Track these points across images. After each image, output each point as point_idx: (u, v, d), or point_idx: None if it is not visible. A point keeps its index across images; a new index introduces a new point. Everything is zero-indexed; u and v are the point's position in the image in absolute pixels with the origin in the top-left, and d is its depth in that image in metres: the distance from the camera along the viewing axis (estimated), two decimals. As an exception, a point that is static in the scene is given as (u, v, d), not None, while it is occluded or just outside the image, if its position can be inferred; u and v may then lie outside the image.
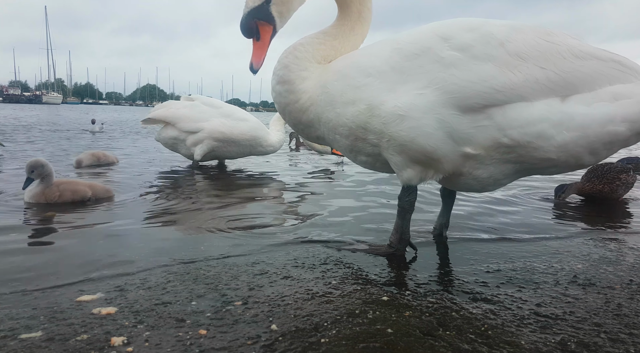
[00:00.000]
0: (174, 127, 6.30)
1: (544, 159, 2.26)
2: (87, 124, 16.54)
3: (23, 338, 1.66)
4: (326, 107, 2.50)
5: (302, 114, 2.61)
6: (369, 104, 2.36)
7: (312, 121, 2.61)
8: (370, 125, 2.38)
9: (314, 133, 2.71)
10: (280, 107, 2.67)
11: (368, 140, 2.46)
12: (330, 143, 2.71)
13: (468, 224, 3.63)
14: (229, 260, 2.58)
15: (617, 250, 3.04)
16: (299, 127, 2.71)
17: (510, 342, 1.73)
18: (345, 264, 2.58)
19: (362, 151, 2.56)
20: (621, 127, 2.18)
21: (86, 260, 2.54)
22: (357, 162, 2.73)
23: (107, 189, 4.33)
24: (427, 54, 2.28)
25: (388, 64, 2.35)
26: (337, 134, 2.53)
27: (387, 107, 2.31)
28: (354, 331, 1.77)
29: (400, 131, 2.29)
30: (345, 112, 2.43)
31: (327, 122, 2.53)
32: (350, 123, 2.43)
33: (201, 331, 1.74)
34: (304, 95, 2.56)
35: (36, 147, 8.83)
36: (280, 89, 2.60)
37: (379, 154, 2.51)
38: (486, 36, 2.22)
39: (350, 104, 2.41)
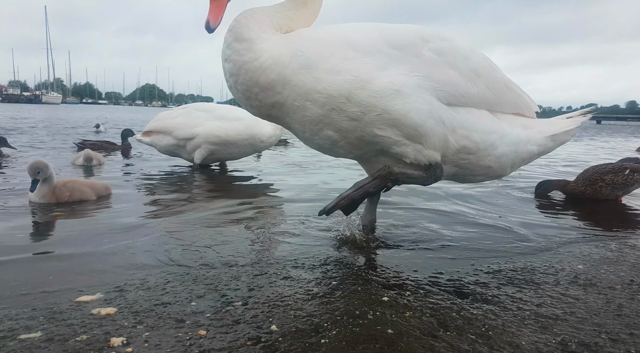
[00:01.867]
0: (170, 136, 6.35)
1: (485, 166, 2.70)
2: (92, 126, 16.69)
3: (22, 338, 1.65)
4: (300, 70, 2.38)
5: (260, 74, 2.41)
6: (356, 76, 2.35)
7: (272, 83, 2.42)
8: (356, 96, 2.35)
9: (271, 98, 2.47)
10: (234, 67, 2.46)
11: (348, 113, 2.39)
12: (289, 112, 2.51)
13: (467, 224, 3.62)
14: (228, 260, 2.58)
15: (617, 250, 3.03)
16: (253, 90, 2.47)
17: (510, 342, 1.72)
18: (345, 264, 2.57)
19: (333, 124, 2.46)
20: (535, 148, 2.87)
21: (86, 260, 2.53)
22: (316, 139, 2.58)
23: (106, 187, 4.37)
24: (410, 48, 2.48)
25: (375, 47, 2.43)
26: (309, 100, 2.40)
27: (380, 83, 2.36)
28: (354, 332, 1.76)
29: (395, 105, 2.36)
30: (327, 78, 2.36)
31: (298, 85, 2.39)
32: (332, 90, 2.36)
33: (201, 332, 1.73)
34: (264, 54, 2.41)
35: (46, 147, 8.82)
36: (238, 47, 2.44)
37: (352, 131, 2.46)
38: (454, 48, 2.58)
39: (335, 72, 2.36)
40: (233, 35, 2.48)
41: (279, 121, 2.65)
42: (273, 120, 2.66)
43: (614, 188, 4.71)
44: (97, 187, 4.25)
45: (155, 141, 6.50)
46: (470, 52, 2.67)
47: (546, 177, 5.74)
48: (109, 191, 4.36)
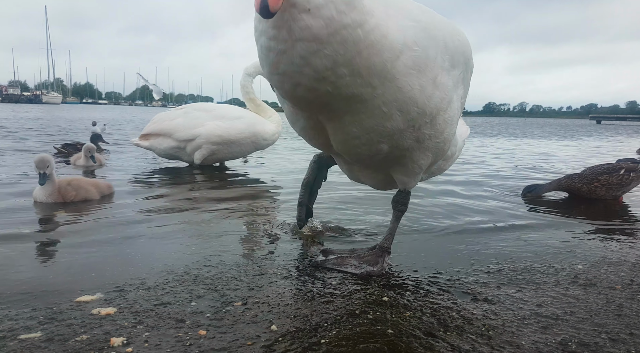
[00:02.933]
0: (170, 138, 6.29)
1: (442, 170, 2.78)
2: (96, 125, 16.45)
3: (22, 338, 1.65)
4: (411, 71, 1.79)
5: (363, 49, 1.64)
6: (446, 94, 1.99)
7: (372, 68, 1.69)
8: (438, 118, 2.03)
9: (354, 88, 1.73)
10: (325, 27, 1.56)
11: (419, 133, 2.03)
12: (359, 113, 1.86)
13: (466, 224, 3.62)
14: (228, 260, 2.58)
15: (617, 250, 3.03)
16: (338, 71, 1.65)
17: (511, 342, 1.72)
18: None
19: (397, 141, 2.01)
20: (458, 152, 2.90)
21: (86, 260, 2.53)
22: (361, 149, 2.05)
23: (109, 186, 4.39)
24: (467, 63, 2.21)
25: (455, 57, 2.05)
26: (402, 110, 1.86)
27: (453, 108, 2.12)
28: (354, 331, 1.76)
29: (451, 135, 2.22)
30: (428, 91, 1.89)
31: (402, 88, 1.80)
32: (428, 107, 1.91)
33: (201, 332, 1.73)
34: (371, 21, 1.64)
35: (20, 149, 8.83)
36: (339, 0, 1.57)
37: (404, 149, 2.09)
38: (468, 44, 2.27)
39: (436, 85, 1.91)
40: None
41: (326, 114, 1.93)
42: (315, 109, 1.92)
43: (609, 189, 4.71)
44: (101, 186, 4.26)
45: (154, 144, 6.40)
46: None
47: (542, 176, 5.74)
48: (111, 190, 4.38)
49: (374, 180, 2.59)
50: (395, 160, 2.21)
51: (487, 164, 8.29)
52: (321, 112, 1.92)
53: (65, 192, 3.97)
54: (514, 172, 7.25)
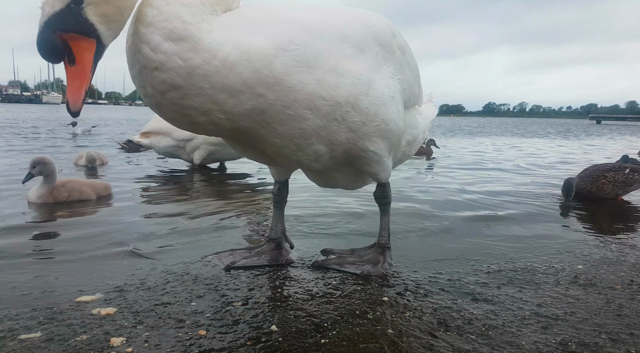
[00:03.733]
0: (169, 137, 6.32)
1: (408, 155, 2.78)
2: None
3: (22, 338, 1.65)
4: (297, 69, 1.82)
5: (227, 73, 1.73)
6: (359, 79, 2.00)
7: (249, 83, 1.76)
8: (360, 103, 2.02)
9: (247, 104, 1.80)
10: (179, 76, 1.70)
11: (349, 123, 2.02)
12: (272, 123, 1.90)
13: (466, 225, 3.62)
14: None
15: (617, 250, 3.03)
16: (218, 99, 1.76)
17: (511, 342, 1.72)
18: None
19: (328, 138, 2.02)
20: (427, 134, 3.09)
21: (86, 260, 2.53)
22: (298, 155, 2.07)
23: (106, 186, 4.37)
24: (388, 44, 2.22)
25: (365, 41, 2.08)
26: (310, 108, 1.88)
27: (380, 87, 2.11)
28: (354, 331, 1.76)
29: (392, 113, 2.18)
30: (332, 81, 1.91)
31: (295, 88, 1.83)
32: (339, 97, 1.93)
33: (201, 332, 1.73)
34: (223, 49, 1.72)
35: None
36: (176, 49, 1.67)
37: (343, 144, 2.08)
38: (407, 45, 2.43)
39: (339, 74, 1.93)
40: (161, 33, 1.68)
41: (242, 134, 1.98)
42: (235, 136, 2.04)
43: (614, 186, 4.72)
44: (97, 186, 4.26)
45: (154, 142, 6.45)
46: (410, 47, 2.51)
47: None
48: (108, 191, 4.37)
49: (342, 181, 2.57)
50: (348, 156, 2.19)
51: (487, 163, 8.30)
52: (238, 135, 2.01)
53: (58, 193, 3.97)
54: (513, 170, 7.25)
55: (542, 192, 5.31)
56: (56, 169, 4.05)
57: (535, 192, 5.30)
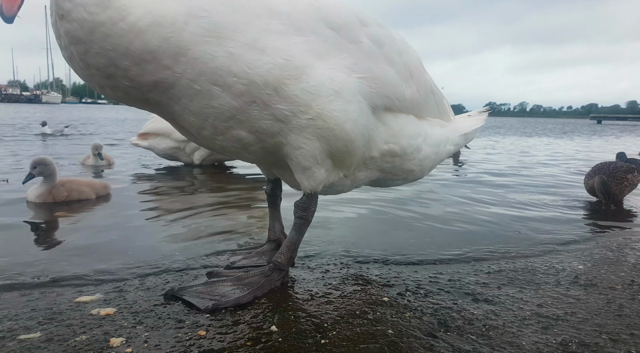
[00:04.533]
0: (169, 138, 6.26)
1: (407, 169, 2.35)
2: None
3: (22, 338, 1.64)
4: (205, 38, 1.66)
5: (133, 39, 1.62)
6: (288, 60, 1.76)
7: (155, 52, 1.64)
8: (286, 88, 1.76)
9: (152, 75, 1.68)
10: (82, 30, 1.61)
11: (273, 109, 1.78)
12: (181, 98, 1.76)
13: (466, 224, 3.62)
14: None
15: (618, 250, 3.03)
16: (120, 64, 1.65)
17: (511, 342, 1.72)
18: (345, 265, 2.57)
19: (249, 123, 1.81)
20: (452, 147, 2.64)
21: (85, 261, 2.52)
22: (220, 140, 1.90)
23: (105, 186, 4.38)
24: (347, 30, 1.96)
25: (306, 21, 1.85)
26: (218, 84, 1.70)
27: (318, 75, 1.82)
28: (354, 332, 1.76)
29: (333, 110, 1.84)
30: (247, 56, 1.70)
31: (201, 59, 1.67)
32: (255, 75, 1.71)
33: (200, 332, 1.73)
34: (136, 11, 1.62)
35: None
36: (85, 0, 1.60)
37: (273, 134, 1.85)
38: (392, 38, 2.16)
39: (258, 50, 1.71)
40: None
41: (160, 110, 1.88)
42: (150, 108, 1.89)
43: (631, 188, 4.67)
44: (96, 186, 4.27)
45: (153, 144, 6.37)
46: (403, 43, 2.25)
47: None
48: (107, 190, 4.39)
49: (286, 177, 2.30)
50: (278, 151, 1.95)
51: (490, 161, 8.29)
52: (151, 107, 1.87)
53: (57, 192, 3.97)
54: (511, 170, 7.25)
55: (542, 192, 5.31)
56: (57, 170, 4.05)
57: (536, 192, 5.30)
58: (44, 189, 3.94)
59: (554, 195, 5.13)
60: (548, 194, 5.12)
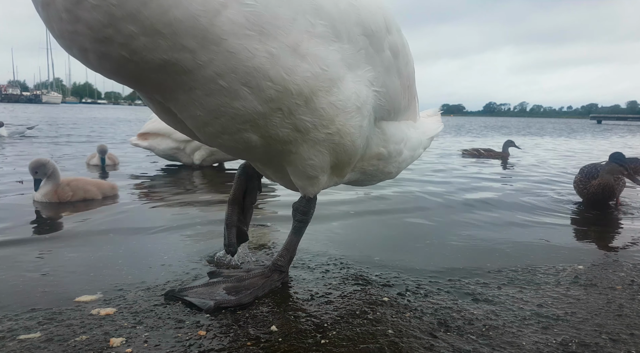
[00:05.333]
0: (169, 138, 6.25)
1: (387, 172, 2.35)
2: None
3: (22, 339, 1.64)
4: (246, 31, 1.38)
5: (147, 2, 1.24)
6: (325, 69, 1.58)
7: (177, 26, 1.28)
8: (317, 101, 1.61)
9: (166, 54, 1.33)
10: None
11: (296, 120, 1.62)
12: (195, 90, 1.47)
13: (466, 224, 3.62)
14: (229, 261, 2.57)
15: (618, 250, 3.03)
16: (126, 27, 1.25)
17: (511, 342, 1.72)
18: (345, 265, 2.57)
19: (265, 129, 1.63)
20: (422, 150, 2.65)
21: (86, 260, 2.52)
22: (224, 138, 1.67)
23: (112, 186, 4.38)
24: (377, 38, 1.81)
25: (345, 24, 1.65)
26: (250, 86, 1.47)
27: (347, 90, 1.70)
28: (354, 332, 1.76)
29: (351, 127, 1.77)
30: (288, 61, 1.49)
31: (237, 54, 1.40)
32: (291, 83, 1.51)
33: (200, 332, 1.73)
34: None
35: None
36: None
37: (284, 142, 1.71)
38: (405, 46, 2.06)
39: (301, 55, 1.51)
40: None
41: (152, 93, 1.55)
42: (140, 88, 1.56)
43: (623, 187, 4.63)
44: (103, 186, 4.27)
45: (153, 145, 6.35)
46: (409, 51, 2.17)
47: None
48: (115, 191, 4.37)
49: (282, 180, 2.18)
50: (282, 157, 1.82)
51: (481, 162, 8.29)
52: (148, 88, 1.52)
53: (63, 192, 3.97)
54: (513, 170, 7.26)
55: (543, 192, 5.31)
56: (57, 167, 4.04)
57: (538, 193, 5.30)
58: (49, 188, 3.94)
59: (554, 196, 5.12)
60: (543, 197, 5.11)
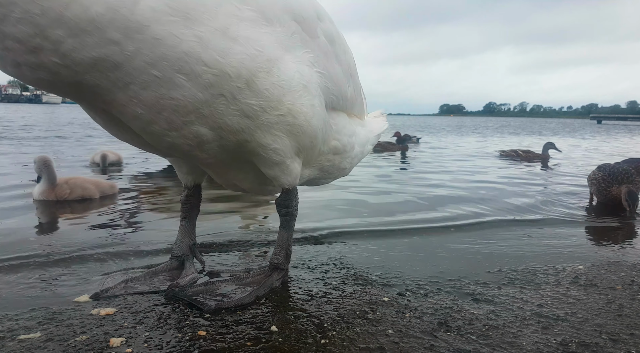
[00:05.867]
0: None
1: (342, 168, 2.38)
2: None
3: (22, 339, 1.64)
4: (170, 17, 1.41)
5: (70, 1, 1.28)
6: (260, 51, 1.60)
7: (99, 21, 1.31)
8: (258, 82, 1.62)
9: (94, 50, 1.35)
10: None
11: (242, 105, 1.62)
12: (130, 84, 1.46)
13: (466, 224, 3.62)
14: (228, 260, 2.57)
15: (618, 250, 3.03)
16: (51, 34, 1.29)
17: (511, 342, 1.72)
18: (345, 265, 2.56)
19: (212, 118, 1.62)
20: (370, 147, 2.72)
21: (85, 260, 2.52)
22: (172, 136, 1.65)
23: (111, 185, 4.38)
24: (309, 24, 1.87)
25: (273, 10, 1.70)
26: (184, 72, 1.47)
27: (289, 69, 1.72)
28: (354, 332, 1.76)
29: (302, 106, 1.78)
30: (220, 44, 1.50)
31: (164, 41, 1.41)
32: (228, 66, 1.52)
33: (201, 332, 1.73)
34: None
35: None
36: None
37: (236, 132, 1.69)
38: (340, 35, 2.11)
39: (230, 38, 1.52)
40: None
41: (94, 99, 1.55)
42: (80, 97, 1.56)
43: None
44: (102, 185, 4.27)
45: None
46: (345, 42, 2.21)
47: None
48: (114, 190, 4.37)
49: (245, 182, 2.15)
50: (240, 150, 1.82)
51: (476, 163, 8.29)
52: (83, 95, 1.53)
53: (60, 190, 3.97)
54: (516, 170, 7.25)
55: (543, 192, 5.31)
56: (51, 166, 4.00)
57: (539, 192, 5.30)
58: (45, 187, 3.94)
59: (555, 195, 5.12)
60: (543, 197, 5.11)
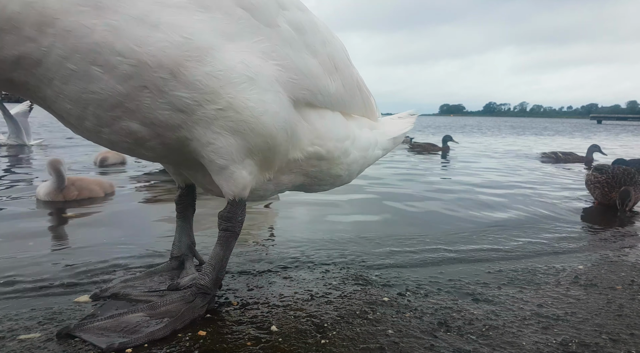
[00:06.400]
0: None
1: (335, 175, 2.18)
2: None
3: (22, 338, 1.65)
4: (80, 7, 1.39)
5: None
6: (188, 38, 1.49)
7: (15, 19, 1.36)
8: (187, 72, 1.50)
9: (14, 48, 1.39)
10: None
11: (170, 97, 1.52)
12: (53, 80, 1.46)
13: (467, 224, 3.62)
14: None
15: (618, 250, 3.03)
16: None
17: (511, 342, 1.72)
18: (345, 265, 2.57)
19: (140, 113, 1.54)
20: (380, 152, 2.50)
21: (85, 260, 2.53)
22: (106, 133, 1.61)
23: (111, 184, 4.52)
24: (263, 12, 1.71)
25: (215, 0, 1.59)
26: (99, 64, 1.43)
27: (227, 59, 1.57)
28: (354, 332, 1.76)
29: (247, 100, 1.61)
30: (136, 32, 1.43)
31: (75, 32, 1.39)
32: (145, 55, 1.44)
33: (201, 332, 1.73)
34: None
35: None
36: None
37: (172, 128, 1.60)
38: (314, 24, 1.94)
39: (151, 25, 1.44)
40: None
41: (30, 95, 1.57)
42: (18, 91, 1.59)
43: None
44: (104, 184, 4.42)
45: None
46: (328, 33, 2.04)
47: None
48: (113, 189, 4.51)
49: (214, 184, 1.98)
50: (188, 150, 1.71)
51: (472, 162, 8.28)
52: (19, 90, 1.56)
53: (68, 191, 4.02)
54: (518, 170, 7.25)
55: (544, 193, 5.31)
56: (61, 169, 4.02)
57: (538, 193, 5.30)
58: (53, 188, 3.98)
59: (554, 195, 5.12)
60: (543, 197, 5.11)
